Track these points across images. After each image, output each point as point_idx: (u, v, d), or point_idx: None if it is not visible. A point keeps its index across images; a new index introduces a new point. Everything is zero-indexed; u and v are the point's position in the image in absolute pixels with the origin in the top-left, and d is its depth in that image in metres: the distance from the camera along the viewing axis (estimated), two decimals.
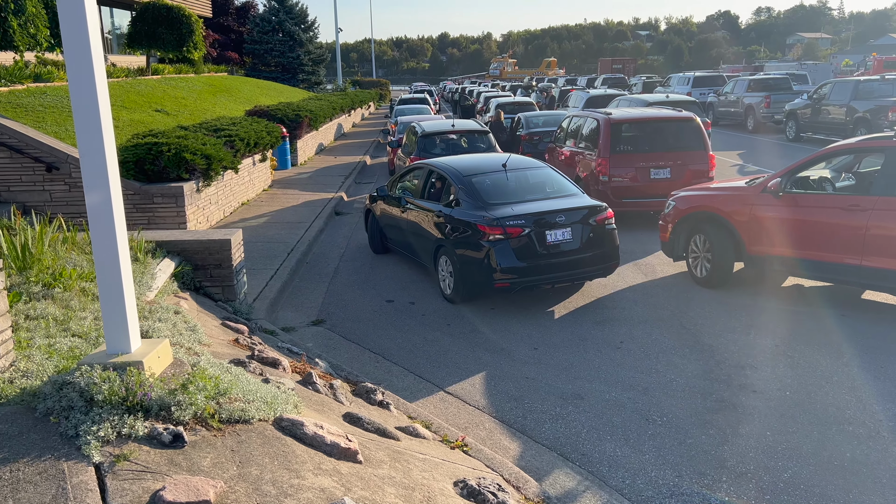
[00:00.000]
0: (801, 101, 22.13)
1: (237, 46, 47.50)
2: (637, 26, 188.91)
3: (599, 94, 23.89)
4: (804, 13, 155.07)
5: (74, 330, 4.23)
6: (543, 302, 8.18)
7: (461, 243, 8.00)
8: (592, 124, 12.48)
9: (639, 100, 18.12)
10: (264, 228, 11.93)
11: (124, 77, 19.47)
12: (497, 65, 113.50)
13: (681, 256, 8.93)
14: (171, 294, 6.29)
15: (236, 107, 22.09)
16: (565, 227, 7.84)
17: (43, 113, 11.98)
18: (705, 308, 7.77)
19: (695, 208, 8.62)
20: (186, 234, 7.44)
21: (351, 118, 35.69)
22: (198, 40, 21.51)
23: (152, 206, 10.25)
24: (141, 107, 16.22)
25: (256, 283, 8.64)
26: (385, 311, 8.13)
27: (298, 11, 46.93)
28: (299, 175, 18.53)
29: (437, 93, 60.87)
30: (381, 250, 10.76)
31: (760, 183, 8.07)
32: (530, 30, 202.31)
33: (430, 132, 14.55)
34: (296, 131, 19.93)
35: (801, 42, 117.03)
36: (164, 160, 10.36)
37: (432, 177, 9.27)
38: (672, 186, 10.95)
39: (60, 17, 3.09)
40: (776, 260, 7.83)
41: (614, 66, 77.51)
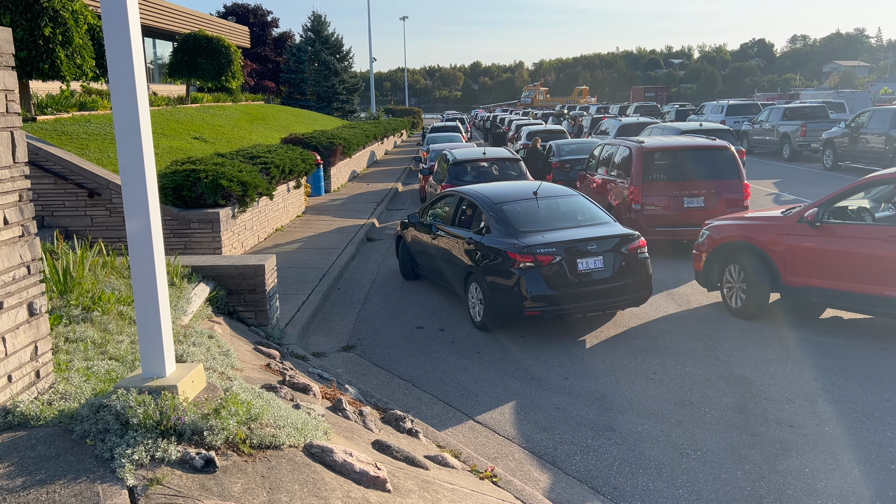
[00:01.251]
0: (838, 129, 21.80)
1: (274, 76, 48.64)
2: (670, 54, 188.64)
3: (632, 121, 23.85)
4: (841, 41, 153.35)
5: (112, 353, 4.32)
6: (575, 331, 8.11)
7: (491, 270, 8.00)
8: (624, 152, 12.45)
9: (672, 128, 18.03)
10: (297, 254, 12.08)
11: (164, 105, 20.04)
12: (528, 93, 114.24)
13: (715, 286, 8.79)
14: (206, 318, 6.38)
15: (272, 134, 22.53)
16: (597, 255, 7.79)
17: (87, 140, 12.36)
18: (740, 339, 7.62)
19: (730, 238, 8.51)
20: (221, 260, 7.57)
21: (384, 146, 36.13)
22: (236, 70, 22.06)
23: (189, 231, 10.45)
24: (180, 134, 16.64)
25: (289, 308, 8.72)
26: (415, 338, 8.13)
27: (334, 42, 47.95)
28: (332, 201, 18.76)
29: (469, 121, 61.34)
30: (412, 276, 10.79)
31: (797, 212, 7.94)
32: (562, 58, 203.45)
33: (462, 160, 14.65)
34: (329, 158, 20.22)
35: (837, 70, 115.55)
36: (201, 186, 10.59)
37: (463, 204, 9.32)
38: (706, 215, 10.83)
39: (108, 51, 3.21)
40: (814, 291, 7.67)
41: (647, 94, 77.44)
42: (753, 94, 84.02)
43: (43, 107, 13.82)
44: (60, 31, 11.98)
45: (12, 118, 3.23)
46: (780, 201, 16.09)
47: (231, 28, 34.42)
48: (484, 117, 63.26)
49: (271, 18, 51.52)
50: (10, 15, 11.50)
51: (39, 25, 11.63)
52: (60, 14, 11.99)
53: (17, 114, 3.27)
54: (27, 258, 3.33)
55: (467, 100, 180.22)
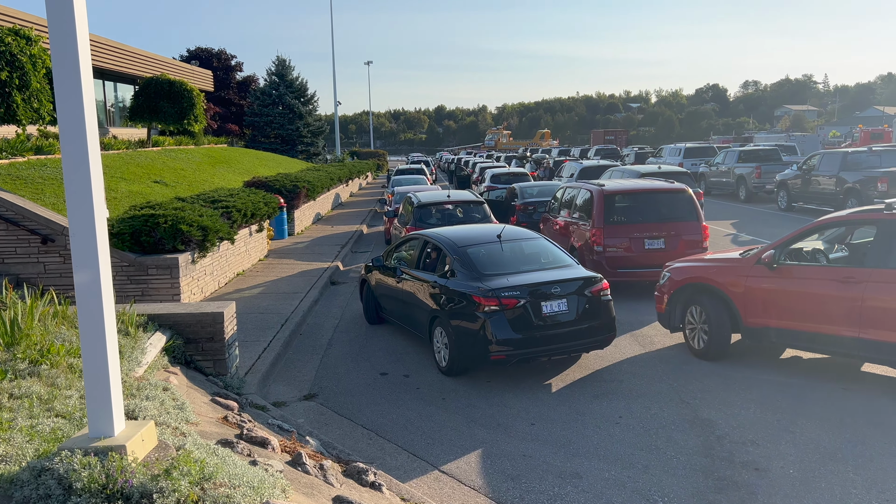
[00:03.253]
0: (791, 171, 22.50)
1: (237, 119, 48.56)
2: (628, 99, 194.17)
3: (593, 164, 24.30)
4: (790, 86, 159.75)
5: (59, 410, 4.13)
6: (540, 374, 8.06)
7: (456, 314, 7.95)
8: (586, 195, 12.62)
9: (631, 171, 18.40)
10: (259, 299, 11.87)
11: (125, 149, 19.78)
12: (492, 136, 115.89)
13: (678, 328, 8.86)
14: (161, 369, 6.18)
15: (235, 178, 22.37)
16: (561, 298, 7.81)
17: (42, 185, 12.08)
18: (704, 381, 7.65)
19: (690, 279, 8.61)
20: (179, 307, 7.37)
21: (348, 188, 36.14)
22: (199, 113, 21.98)
23: (146, 277, 10.21)
24: (140, 178, 16.40)
25: (249, 356, 8.52)
26: (379, 385, 7.99)
27: (298, 85, 48.18)
28: (296, 244, 18.59)
29: (434, 163, 61.89)
30: (376, 321, 10.67)
31: (755, 254, 8.09)
32: (524, 102, 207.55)
33: (426, 203, 14.70)
34: (293, 201, 20.12)
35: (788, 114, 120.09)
36: (160, 232, 10.39)
37: (427, 247, 9.30)
38: (666, 257, 10.99)
39: (57, 103, 3.13)
40: (773, 332, 7.77)
41: (606, 138, 79.24)
42: (709, 136, 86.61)
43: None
44: (17, 76, 11.81)
45: None
46: (738, 242, 16.43)
47: (194, 72, 34.37)
48: (448, 160, 63.89)
49: (235, 62, 51.67)
50: None
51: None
52: (18, 58, 11.84)
53: None
54: None
55: (432, 142, 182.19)
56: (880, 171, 18.63)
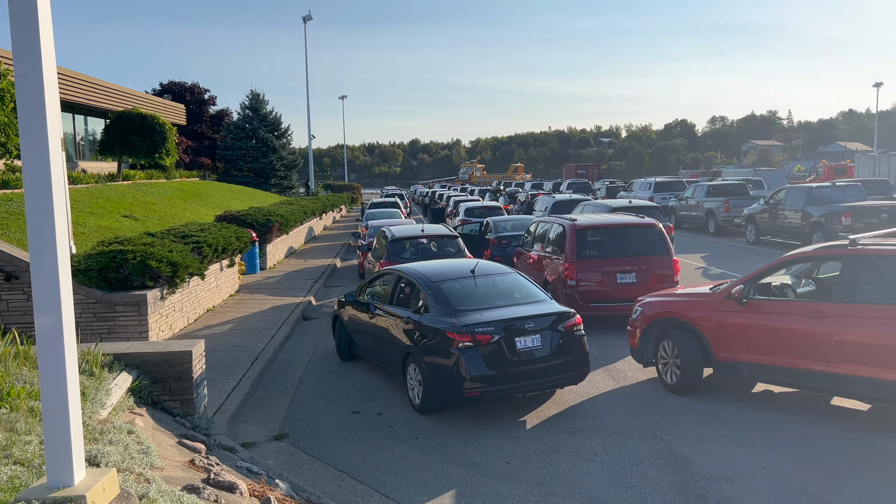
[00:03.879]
0: (758, 205, 22.97)
1: (210, 152, 48.35)
2: (599, 133, 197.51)
3: (565, 198, 24.58)
4: (756, 122, 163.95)
5: (17, 456, 3.97)
6: (515, 411, 8.00)
7: (430, 351, 7.88)
8: (559, 229, 12.73)
9: (603, 205, 18.64)
10: (229, 336, 11.68)
11: (94, 183, 19.53)
12: (466, 169, 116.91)
13: (650, 362, 8.89)
14: (127, 410, 6.01)
15: (207, 212, 22.17)
16: (535, 333, 7.79)
17: (7, 220, 11.85)
18: (677, 416, 7.66)
19: (662, 314, 8.68)
20: (146, 346, 7.21)
21: (322, 221, 36.02)
22: (171, 147, 21.85)
23: (114, 314, 10.00)
24: (109, 213, 16.17)
25: (218, 395, 8.34)
26: (351, 424, 7.86)
27: (272, 119, 48.24)
28: (268, 279, 18.40)
29: (408, 196, 62.11)
30: (349, 357, 10.54)
31: (724, 289, 8.19)
32: (497, 136, 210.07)
33: (400, 237, 14.68)
34: (266, 235, 19.97)
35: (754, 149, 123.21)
36: (128, 268, 10.21)
37: (401, 282, 9.25)
38: (638, 291, 11.07)
39: (22, 147, 3.07)
40: (744, 366, 7.83)
41: (578, 171, 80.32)
42: (679, 171, 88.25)
43: None
44: None
45: None
46: (709, 275, 16.64)
47: (167, 106, 34.25)
48: (423, 193, 64.19)
49: (209, 96, 51.64)
50: None
51: None
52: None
53: None
54: None
55: (406, 175, 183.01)
56: (844, 206, 19.11)
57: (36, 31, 3.08)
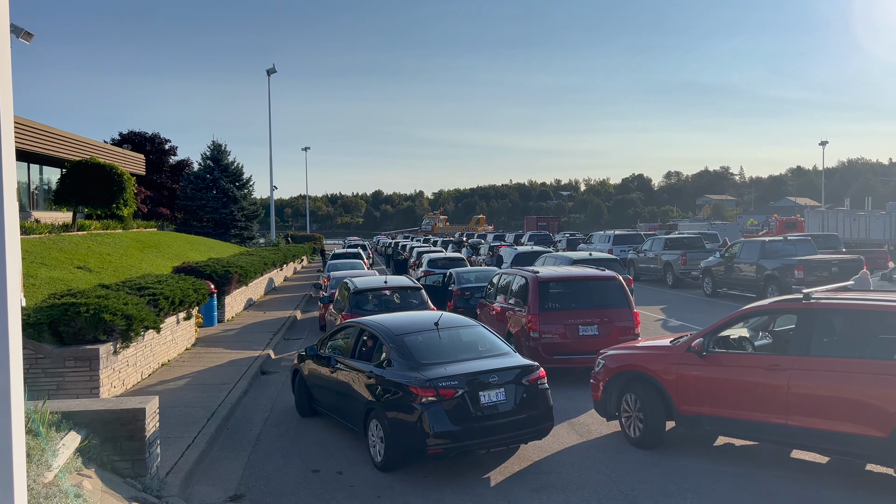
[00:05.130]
0: (714, 258, 23.54)
1: (169, 202, 47.78)
2: (559, 187, 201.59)
3: (527, 250, 24.83)
4: (709, 177, 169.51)
5: None
6: (479, 467, 7.86)
7: (393, 406, 7.75)
8: (521, 281, 12.80)
9: (564, 257, 18.85)
10: (184, 391, 11.32)
11: (47, 233, 19.05)
12: (429, 220, 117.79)
13: (614, 416, 8.88)
14: (74, 472, 5.74)
15: (165, 263, 21.76)
16: (499, 387, 7.73)
17: None
18: (641, 471, 7.62)
19: (624, 367, 8.71)
20: (96, 403, 6.94)
21: (283, 272, 35.64)
22: (129, 197, 21.52)
23: (63, 370, 9.62)
24: (62, 264, 15.75)
25: (171, 454, 8.02)
26: (310, 483, 7.62)
27: (234, 170, 48.03)
28: (226, 332, 18.01)
29: (371, 247, 62.02)
30: (309, 413, 10.29)
31: (685, 342, 8.28)
32: (460, 188, 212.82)
33: (363, 288, 14.57)
34: (224, 287, 19.62)
35: (709, 203, 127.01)
36: (80, 321, 9.88)
37: (364, 335, 9.12)
38: (600, 343, 11.12)
39: None
40: (706, 419, 7.87)
41: (539, 224, 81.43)
42: (636, 224, 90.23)
43: None
44: None
45: None
46: (668, 327, 16.86)
47: (126, 155, 33.88)
48: (386, 243, 64.20)
49: (169, 146, 51.29)
50: None
51: None
52: None
53: None
54: None
55: (369, 226, 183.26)
56: (796, 259, 19.69)
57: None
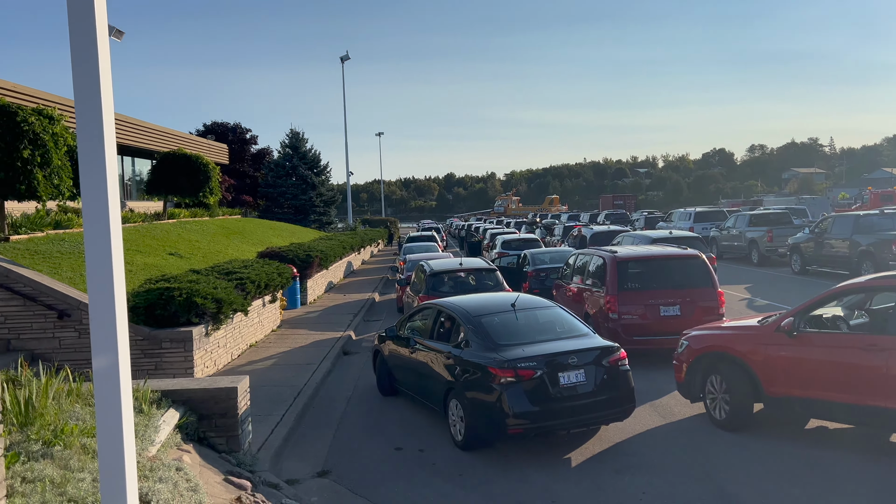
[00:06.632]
0: (803, 235, 22.46)
1: (252, 190, 49.39)
2: (635, 164, 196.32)
3: (603, 230, 24.38)
4: (796, 149, 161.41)
5: (71, 494, 4.05)
6: (559, 448, 7.86)
7: (472, 386, 7.83)
8: (599, 262, 12.61)
9: (643, 236, 18.43)
10: (271, 371, 11.78)
11: (141, 222, 20.09)
12: (501, 202, 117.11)
13: (698, 397, 8.68)
14: (174, 447, 6.09)
15: (249, 248, 22.58)
16: (578, 368, 7.69)
17: (60, 259, 12.23)
18: (727, 454, 7.44)
19: (708, 348, 8.49)
20: (192, 383, 7.32)
21: (360, 255, 36.36)
22: (214, 186, 22.37)
23: (160, 351, 10.19)
24: (155, 251, 16.59)
25: (262, 431, 8.38)
26: (394, 461, 7.81)
27: (311, 157, 49.18)
28: (308, 314, 18.57)
29: (444, 229, 62.38)
30: (390, 392, 10.53)
31: (773, 322, 7.99)
32: (532, 168, 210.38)
33: (439, 271, 14.73)
34: (306, 271, 20.21)
35: (796, 177, 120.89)
36: (174, 305, 10.42)
37: (441, 317, 9.24)
38: (683, 324, 10.86)
39: (84, 204, 3.19)
40: (796, 401, 7.59)
41: (615, 202, 79.78)
42: (718, 200, 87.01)
43: (17, 226, 13.74)
44: (39, 153, 12.11)
45: None
46: (754, 307, 16.27)
47: (210, 146, 35.23)
48: (459, 226, 64.39)
49: (250, 136, 52.90)
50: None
51: (18, 148, 11.76)
52: (40, 137, 12.17)
53: None
54: None
55: (442, 209, 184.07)
56: (894, 234, 18.56)
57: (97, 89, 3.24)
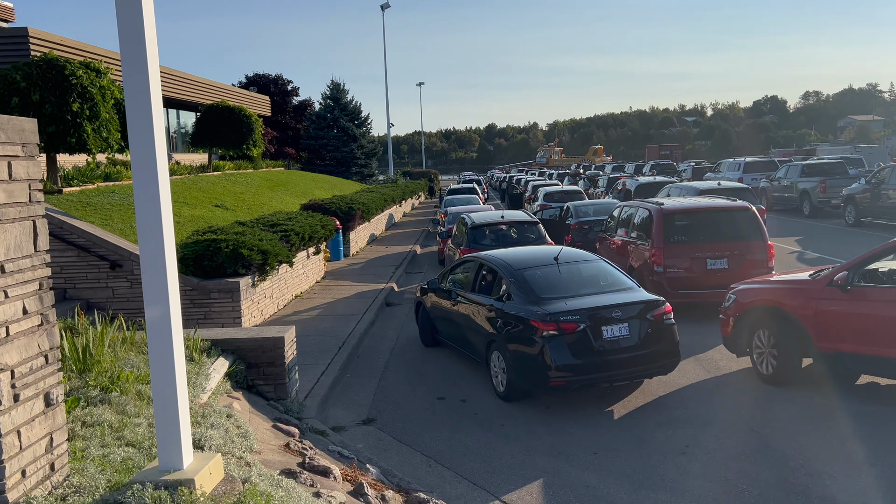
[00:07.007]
0: (858, 185, 21.64)
1: (294, 142, 49.64)
2: (683, 112, 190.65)
3: (649, 181, 23.88)
4: (854, 96, 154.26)
5: (129, 438, 4.21)
6: (601, 401, 7.87)
7: (514, 339, 7.84)
8: (644, 214, 12.38)
9: (690, 187, 17.99)
10: (316, 321, 12.01)
11: (187, 174, 20.43)
12: (544, 153, 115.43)
13: (744, 352, 8.55)
14: (224, 394, 6.27)
15: (292, 200, 22.82)
16: (622, 322, 7.62)
17: (110, 211, 12.55)
18: (774, 408, 7.34)
19: (757, 302, 8.31)
20: (241, 332, 7.50)
21: (402, 208, 36.46)
22: (257, 138, 22.54)
23: (209, 301, 10.45)
24: (202, 202, 16.88)
25: (308, 379, 8.59)
26: (436, 410, 7.94)
27: (352, 108, 49.07)
28: (351, 266, 18.79)
29: (485, 181, 61.95)
30: (432, 343, 10.64)
31: (826, 276, 7.75)
32: (576, 118, 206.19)
33: (480, 223, 14.66)
34: (349, 223, 20.37)
35: (852, 125, 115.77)
36: (221, 256, 10.63)
37: (483, 269, 9.23)
38: (730, 277, 10.65)
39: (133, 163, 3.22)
40: (847, 357, 7.41)
41: (662, 153, 77.91)
42: (769, 150, 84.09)
43: (69, 179, 14.12)
44: (88, 107, 12.33)
45: (35, 207, 3.23)
46: (805, 260, 15.85)
47: (252, 98, 35.38)
48: (500, 178, 63.89)
49: (291, 87, 52.84)
50: (39, 92, 11.87)
51: (68, 101, 11.99)
52: (88, 90, 12.36)
53: (39, 203, 3.27)
54: (45, 347, 3.27)
55: (483, 160, 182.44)
56: None
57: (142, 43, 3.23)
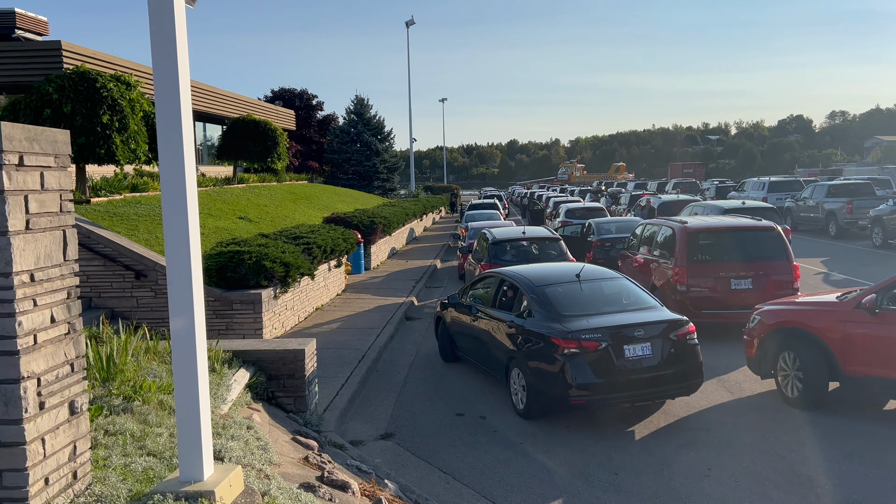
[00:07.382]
0: (886, 206, 21.30)
1: (317, 156, 50.10)
2: (707, 131, 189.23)
3: (672, 199, 23.73)
4: (881, 116, 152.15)
5: (150, 447, 4.24)
6: (623, 421, 7.78)
7: (534, 356, 7.79)
8: (667, 232, 12.28)
9: (714, 206, 17.84)
10: (336, 334, 12.03)
11: (212, 186, 20.68)
12: (565, 169, 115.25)
13: (769, 374, 8.41)
14: (245, 405, 6.29)
15: (315, 213, 22.98)
16: (644, 341, 7.54)
17: (137, 221, 12.73)
18: (799, 432, 7.20)
19: (782, 323, 8.19)
20: (262, 344, 7.53)
21: (422, 222, 36.55)
22: (282, 152, 22.78)
23: (231, 312, 10.52)
24: (226, 214, 17.06)
25: (327, 392, 8.59)
26: (455, 426, 7.89)
27: (376, 123, 49.44)
28: (372, 279, 18.84)
29: (506, 197, 61.93)
30: (451, 358, 10.60)
31: (854, 298, 7.62)
32: (598, 135, 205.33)
33: (502, 239, 14.63)
34: (370, 237, 20.46)
35: (879, 145, 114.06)
36: (244, 268, 10.71)
37: (504, 285, 9.20)
38: (755, 298, 10.50)
39: (162, 179, 3.26)
40: (876, 382, 7.26)
41: (685, 171, 77.36)
42: (794, 169, 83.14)
43: (97, 189, 14.35)
44: (117, 119, 12.55)
45: (65, 217, 3.28)
46: (830, 281, 15.60)
47: (278, 112, 35.80)
48: (521, 194, 63.82)
49: (316, 102, 53.46)
50: (71, 104, 12.11)
51: (98, 113, 12.21)
52: (118, 102, 12.59)
53: (70, 213, 3.33)
54: (71, 356, 3.31)
55: (504, 176, 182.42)
56: None
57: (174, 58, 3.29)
